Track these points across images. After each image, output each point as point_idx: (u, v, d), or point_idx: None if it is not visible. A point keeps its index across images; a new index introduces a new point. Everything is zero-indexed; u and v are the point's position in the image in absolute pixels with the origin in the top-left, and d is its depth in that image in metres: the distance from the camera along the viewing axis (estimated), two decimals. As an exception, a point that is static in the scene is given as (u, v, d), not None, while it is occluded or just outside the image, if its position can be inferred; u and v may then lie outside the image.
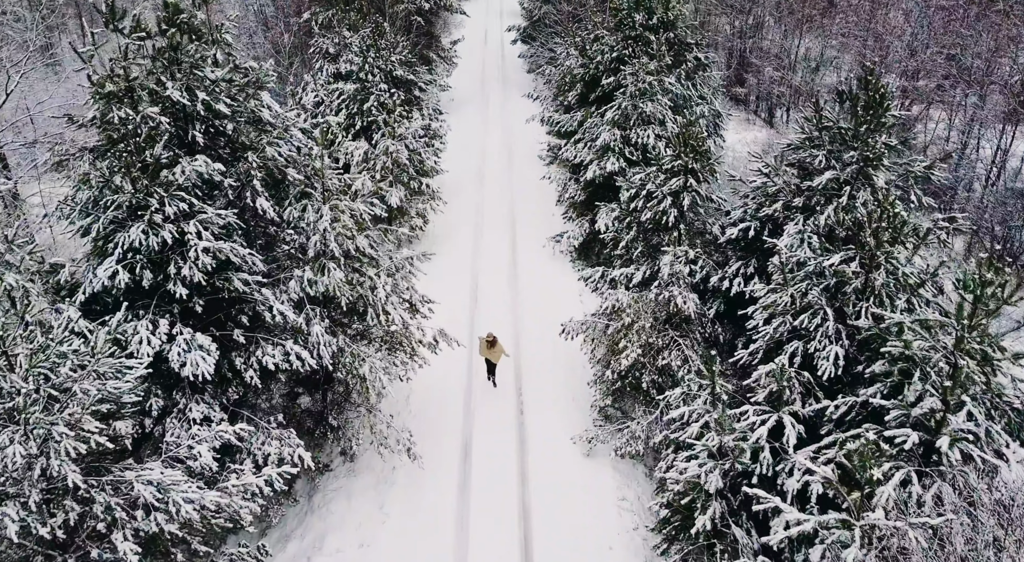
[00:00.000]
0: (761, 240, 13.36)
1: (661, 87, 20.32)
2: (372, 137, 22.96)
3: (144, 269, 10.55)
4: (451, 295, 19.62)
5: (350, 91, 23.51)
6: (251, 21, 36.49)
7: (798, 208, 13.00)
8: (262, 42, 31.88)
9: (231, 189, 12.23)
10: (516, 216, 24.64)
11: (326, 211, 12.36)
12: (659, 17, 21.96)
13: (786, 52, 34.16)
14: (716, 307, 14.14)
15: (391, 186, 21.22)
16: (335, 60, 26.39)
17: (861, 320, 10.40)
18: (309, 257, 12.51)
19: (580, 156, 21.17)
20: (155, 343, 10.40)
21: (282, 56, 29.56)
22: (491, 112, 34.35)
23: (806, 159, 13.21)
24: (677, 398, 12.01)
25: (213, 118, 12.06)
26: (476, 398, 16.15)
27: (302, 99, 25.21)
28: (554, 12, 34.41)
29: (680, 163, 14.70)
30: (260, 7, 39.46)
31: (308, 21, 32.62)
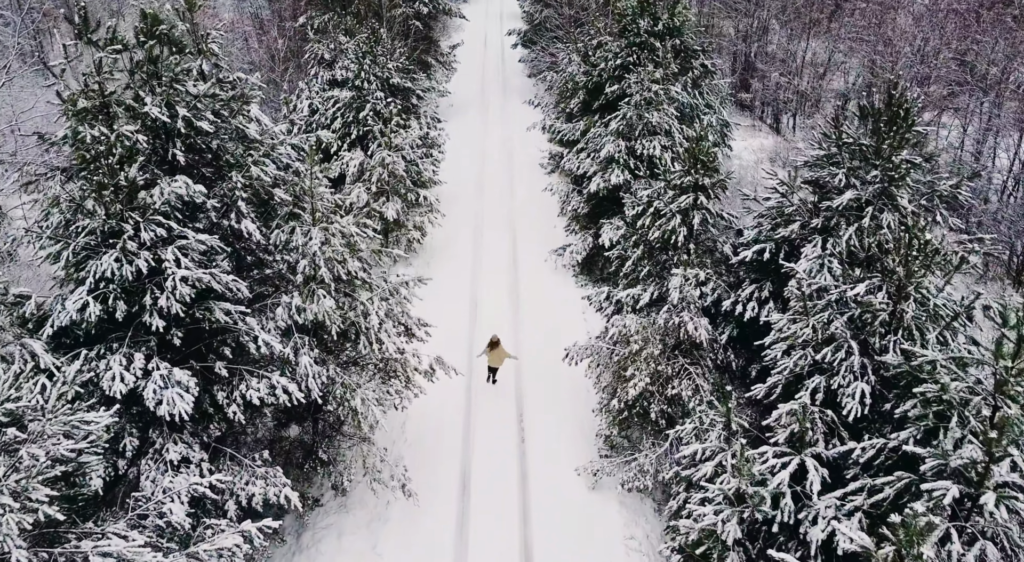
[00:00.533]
0: (777, 263, 12.61)
1: (667, 96, 19.59)
2: (368, 147, 22.26)
3: (118, 300, 9.81)
4: (449, 312, 18.89)
5: (346, 99, 22.80)
6: (246, 25, 35.80)
7: (816, 229, 12.25)
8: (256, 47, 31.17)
9: (214, 210, 11.50)
10: (517, 227, 23.91)
11: (316, 234, 11.62)
12: (664, 23, 21.24)
13: (792, 56, 33.44)
14: (729, 332, 13.40)
15: (387, 199, 20.50)
16: (330, 66, 25.68)
17: (889, 356, 9.65)
18: (298, 282, 11.77)
19: (583, 167, 20.45)
20: (129, 379, 9.66)
21: (276, 62, 28.83)
22: (491, 118, 33.64)
23: (824, 177, 12.47)
24: (689, 433, 11.27)
25: (195, 135, 11.32)
26: (476, 423, 15.41)
27: (296, 107, 24.53)
28: (555, 16, 33.70)
29: (690, 179, 13.96)
30: (256, 10, 38.79)
31: (304, 26, 31.93)
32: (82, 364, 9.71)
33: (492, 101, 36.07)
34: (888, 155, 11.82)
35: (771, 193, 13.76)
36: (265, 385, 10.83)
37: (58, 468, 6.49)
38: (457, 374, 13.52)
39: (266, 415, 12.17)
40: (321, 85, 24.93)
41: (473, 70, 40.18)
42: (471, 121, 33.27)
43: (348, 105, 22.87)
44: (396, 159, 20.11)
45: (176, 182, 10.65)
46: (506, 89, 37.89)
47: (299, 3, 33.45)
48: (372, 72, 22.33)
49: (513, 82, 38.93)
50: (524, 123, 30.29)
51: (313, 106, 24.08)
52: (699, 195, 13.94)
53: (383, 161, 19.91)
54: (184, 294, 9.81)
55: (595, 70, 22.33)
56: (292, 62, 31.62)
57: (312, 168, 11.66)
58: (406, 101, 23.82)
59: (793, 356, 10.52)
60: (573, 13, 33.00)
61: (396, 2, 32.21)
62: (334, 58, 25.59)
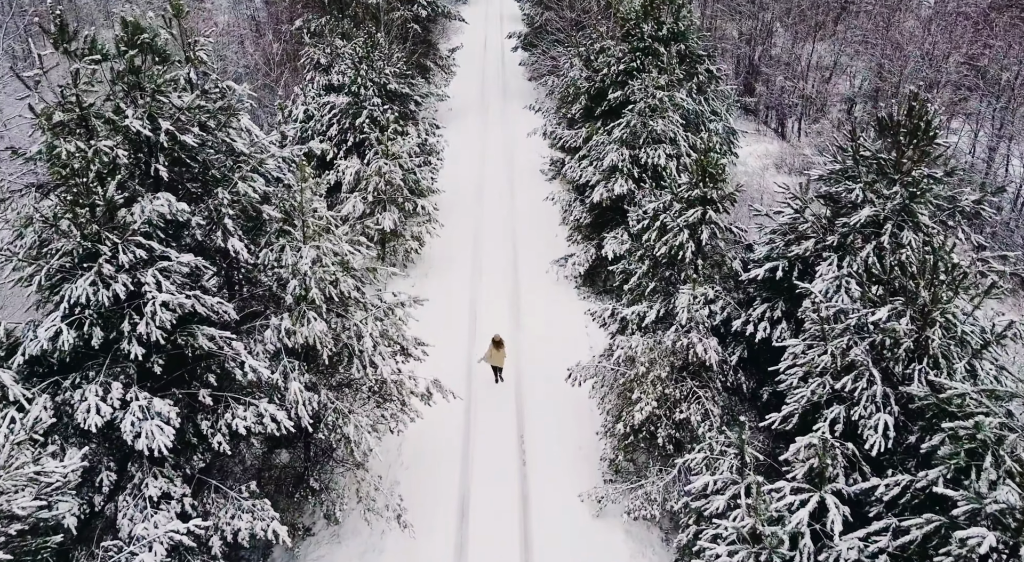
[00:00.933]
0: (790, 281, 12.03)
1: (672, 103, 19.01)
2: (365, 154, 21.69)
3: (94, 326, 9.24)
4: (448, 326, 18.34)
5: (342, 105, 22.24)
6: (243, 27, 35.24)
7: (831, 247, 11.68)
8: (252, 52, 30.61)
9: (199, 228, 10.93)
10: (517, 236, 23.33)
11: (307, 252, 11.04)
12: (669, 28, 20.66)
13: (797, 60, 32.86)
14: (739, 353, 12.82)
15: (384, 209, 19.92)
16: (327, 71, 25.12)
17: (914, 386, 9.07)
18: (288, 303, 11.18)
19: (585, 176, 19.87)
20: (106, 411, 9.08)
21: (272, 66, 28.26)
22: (491, 123, 33.07)
23: (840, 192, 11.89)
24: (699, 463, 10.69)
25: (179, 150, 10.75)
26: (475, 444, 14.82)
27: (291, 113, 23.96)
28: (556, 19, 33.13)
29: (698, 192, 13.38)
30: (252, 13, 38.23)
31: (300, 29, 31.36)
32: (55, 395, 9.14)
33: (492, 105, 35.51)
34: (908, 169, 11.26)
35: (783, 207, 13.19)
36: (252, 413, 10.26)
37: (14, 526, 5.93)
38: (455, 398, 12.93)
39: (254, 444, 11.59)
40: (317, 90, 24.38)
41: (473, 73, 39.61)
42: (471, 126, 32.71)
43: (344, 111, 22.31)
44: (393, 168, 19.53)
45: (158, 200, 10.09)
46: (506, 93, 37.32)
47: (296, 6, 32.90)
48: (369, 77, 21.76)
49: (513, 85, 38.36)
50: (524, 128, 29.71)
51: (308, 112, 23.52)
52: (707, 209, 13.35)
53: (380, 170, 19.34)
54: (165, 320, 9.24)
55: (597, 75, 21.77)
56: (288, 66, 31.07)
57: (303, 184, 11.08)
58: (404, 107, 23.26)
59: (810, 384, 9.94)
60: (574, 16, 32.43)
61: (394, 5, 31.65)
62: (330, 63, 25.03)
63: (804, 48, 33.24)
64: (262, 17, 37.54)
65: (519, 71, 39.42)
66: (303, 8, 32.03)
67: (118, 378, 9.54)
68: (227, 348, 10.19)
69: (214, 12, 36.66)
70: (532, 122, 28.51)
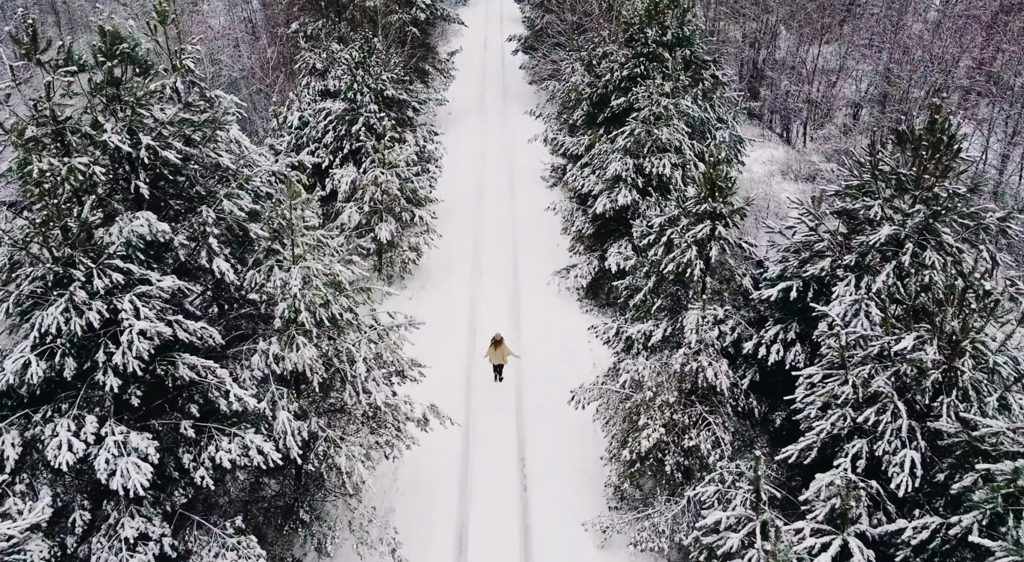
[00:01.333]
0: (804, 302, 11.45)
1: (677, 110, 18.42)
2: (361, 162, 21.11)
3: (66, 356, 8.66)
4: (446, 341, 17.77)
5: (338, 111, 21.65)
6: (238, 30, 34.68)
7: (848, 266, 11.09)
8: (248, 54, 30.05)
9: (183, 248, 10.35)
10: (518, 246, 22.75)
11: (296, 273, 10.45)
12: (674, 33, 20.10)
13: (802, 63, 32.29)
14: (751, 376, 12.24)
15: (381, 219, 19.34)
16: (323, 76, 24.55)
17: (943, 421, 8.50)
18: (276, 326, 10.59)
19: (588, 185, 19.29)
20: (79, 448, 8.50)
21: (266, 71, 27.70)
22: (491, 128, 32.49)
23: (857, 209, 11.30)
24: (711, 496, 10.11)
25: (161, 166, 10.17)
26: (474, 468, 14.24)
27: (286, 119, 23.39)
28: (557, 22, 32.54)
29: (706, 207, 12.80)
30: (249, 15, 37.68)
31: (297, 32, 30.80)
32: (24, 430, 8.56)
33: (492, 109, 34.94)
34: (930, 185, 10.68)
35: (796, 224, 12.62)
36: (238, 445, 9.68)
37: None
38: (453, 424, 12.34)
39: (239, 477, 11.00)
40: (313, 96, 23.81)
41: (472, 77, 39.04)
42: (470, 130, 32.14)
43: (340, 118, 21.73)
44: (390, 177, 18.96)
45: (137, 220, 9.51)
46: (506, 96, 36.75)
47: (292, 9, 32.35)
48: (365, 83, 21.18)
49: (513, 89, 37.79)
50: (525, 133, 29.13)
51: (304, 119, 22.94)
52: (716, 224, 12.77)
53: (376, 180, 18.76)
54: (143, 349, 8.65)
55: (600, 81, 21.19)
56: (284, 70, 30.51)
57: (292, 201, 10.50)
58: (401, 113, 22.68)
59: (830, 415, 9.37)
60: (576, 19, 31.85)
61: (392, 8, 31.09)
62: (326, 68, 24.47)
63: (809, 51, 32.67)
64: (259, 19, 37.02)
65: (519, 75, 38.83)
66: (299, 11, 31.48)
67: (93, 411, 8.97)
68: (211, 377, 9.61)
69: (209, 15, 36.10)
70: (532, 127, 27.93)
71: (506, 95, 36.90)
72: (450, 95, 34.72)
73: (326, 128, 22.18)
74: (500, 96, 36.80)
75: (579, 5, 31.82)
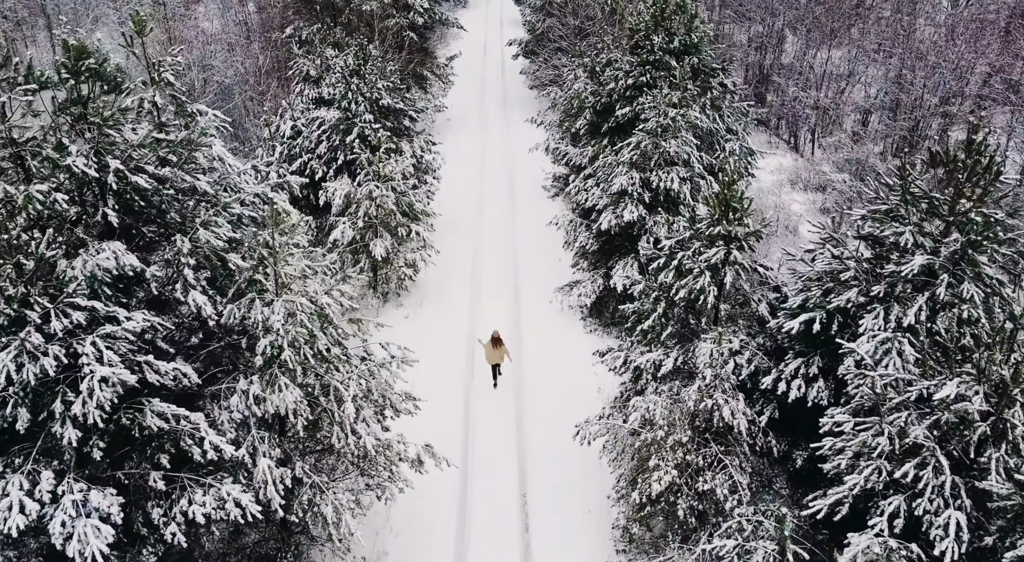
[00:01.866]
0: (828, 335, 10.62)
1: (685, 121, 17.59)
2: (356, 173, 20.28)
3: (19, 407, 7.83)
4: (444, 362, 16.94)
5: (332, 120, 20.82)
6: (231, 34, 33.86)
7: (877, 298, 10.26)
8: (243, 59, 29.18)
9: (156, 280, 9.52)
10: (518, 261, 21.92)
11: (279, 307, 9.62)
12: (681, 40, 19.29)
13: (810, 68, 31.46)
14: (769, 413, 11.40)
15: (376, 234, 18.52)
16: (317, 83, 23.73)
17: (992, 481, 7.67)
18: (257, 364, 9.76)
19: (592, 199, 18.45)
20: (32, 509, 7.68)
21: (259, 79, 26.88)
22: (490, 135, 31.67)
23: (886, 235, 10.46)
24: (730, 551, 9.28)
25: (132, 192, 9.34)
26: (473, 505, 13.41)
27: (279, 128, 22.57)
28: (559, 26, 31.74)
29: (720, 230, 11.98)
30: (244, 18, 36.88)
31: (291, 37, 30.00)
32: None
33: (491, 115, 34.12)
34: (966, 211, 9.85)
35: (817, 249, 11.79)
36: (213, 497, 8.86)
37: None
38: (449, 465, 11.49)
39: (214, 533, 10.16)
40: (306, 104, 22.99)
41: (472, 82, 38.21)
42: (469, 137, 31.31)
43: (335, 127, 20.90)
44: (385, 192, 18.13)
45: (103, 252, 8.68)
46: (506, 102, 35.93)
47: (287, 12, 31.55)
48: (360, 92, 20.36)
49: (513, 94, 36.98)
50: (525, 140, 28.31)
51: (296, 128, 22.11)
52: (731, 248, 11.95)
53: (370, 194, 17.93)
54: (105, 398, 7.83)
55: (604, 89, 20.40)
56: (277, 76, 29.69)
57: (275, 229, 9.67)
58: (398, 123, 21.86)
59: (863, 468, 8.53)
60: (578, 23, 31.05)
61: (389, 12, 30.28)
62: (320, 75, 23.64)
63: (817, 56, 31.85)
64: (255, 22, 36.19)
65: (520, 80, 38.03)
66: (294, 15, 30.69)
67: (50, 464, 8.15)
68: (183, 423, 8.78)
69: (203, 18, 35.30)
70: (534, 134, 27.13)
71: (506, 101, 36.09)
72: (449, 101, 33.93)
73: (319, 138, 21.36)
74: (500, 102, 35.99)
75: (581, 9, 31.02)
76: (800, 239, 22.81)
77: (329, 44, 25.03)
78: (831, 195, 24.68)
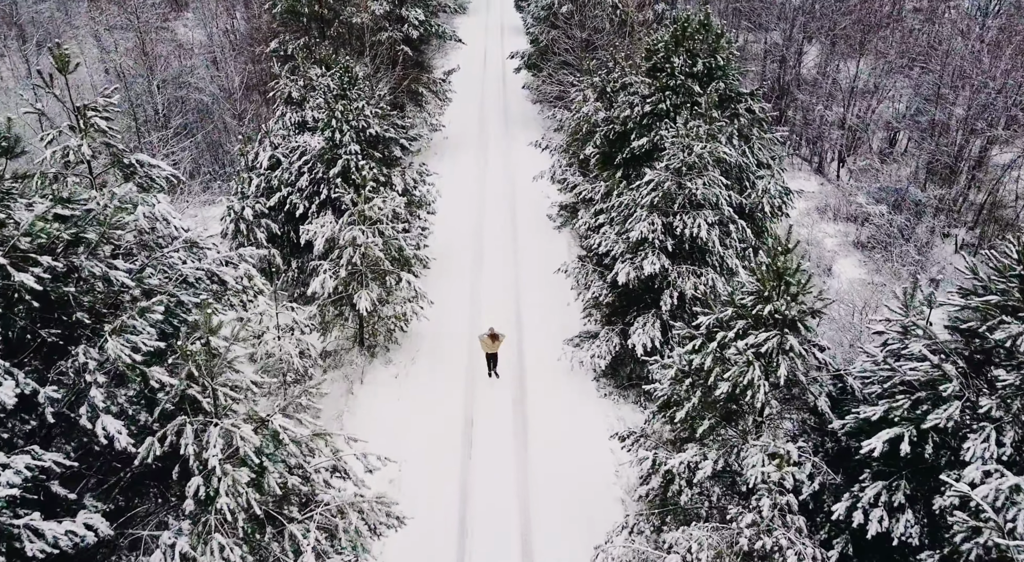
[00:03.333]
0: (921, 456, 8.41)
1: (713, 157, 15.35)
2: (341, 209, 18.09)
3: None
4: (435, 441, 14.73)
5: (315, 149, 18.64)
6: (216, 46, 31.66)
7: (987, 415, 8.04)
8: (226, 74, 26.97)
9: (52, 403, 7.31)
10: (521, 304, 19.71)
11: (215, 437, 7.40)
12: (705, 63, 17.06)
13: (836, 85, 29.23)
14: (840, 547, 9.17)
15: (361, 284, 16.30)
16: (300, 105, 21.53)
17: None
18: (188, 509, 7.54)
19: (606, 244, 16.23)
20: None
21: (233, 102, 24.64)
22: (491, 156, 29.45)
23: (996, 338, 8.22)
24: None
25: (21, 291, 7.13)
26: None
27: (257, 156, 20.38)
28: (564, 38, 29.52)
29: (771, 309, 9.76)
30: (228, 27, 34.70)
31: (276, 51, 27.82)
32: None
33: (492, 133, 31.91)
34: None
35: (892, 333, 9.58)
36: None
37: None
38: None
39: None
40: (288, 129, 20.80)
41: (471, 95, 36.02)
42: (468, 158, 29.10)
43: (319, 157, 18.72)
44: (371, 236, 15.92)
45: (-31, 382, 6.46)
46: (508, 119, 33.73)
47: (273, 24, 29.34)
48: (346, 120, 18.16)
49: (515, 110, 34.77)
50: (528, 163, 26.18)
51: (275, 158, 19.92)
52: (786, 335, 9.73)
53: (354, 241, 15.71)
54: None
55: (618, 116, 18.18)
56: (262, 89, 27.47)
57: (208, 336, 7.45)
58: (388, 152, 19.64)
59: None
60: (585, 36, 28.86)
61: (382, 25, 28.10)
62: (304, 97, 21.43)
63: (840, 69, 29.61)
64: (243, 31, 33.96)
65: (522, 94, 35.85)
66: (280, 27, 28.49)
67: None
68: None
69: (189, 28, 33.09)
70: (538, 158, 24.93)
71: (507, 117, 33.89)
72: (447, 117, 31.78)
73: (300, 170, 19.17)
74: (501, 118, 33.79)
75: (588, 20, 28.82)
76: (836, 280, 20.61)
77: (313, 62, 22.84)
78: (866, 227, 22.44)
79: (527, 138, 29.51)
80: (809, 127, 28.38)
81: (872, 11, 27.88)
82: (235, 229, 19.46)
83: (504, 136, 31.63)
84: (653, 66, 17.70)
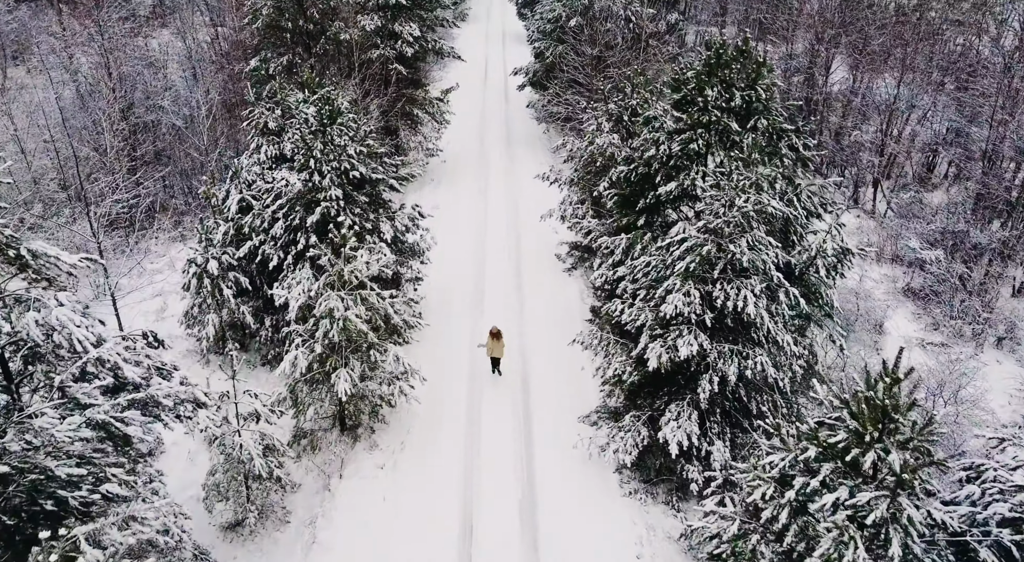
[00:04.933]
0: None
1: (758, 212, 12.82)
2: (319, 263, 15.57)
3: None
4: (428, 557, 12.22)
5: (291, 192, 16.14)
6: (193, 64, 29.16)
7: None
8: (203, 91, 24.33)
9: None
10: (529, 371, 17.16)
11: None
12: (744, 96, 14.52)
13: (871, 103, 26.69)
14: None
15: (342, 360, 13.78)
16: (278, 136, 19.05)
17: None
18: None
19: (630, 315, 13.72)
20: None
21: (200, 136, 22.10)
22: (492, 185, 26.88)
23: None
24: None
25: None
26: None
27: (227, 197, 17.91)
28: (573, 55, 26.98)
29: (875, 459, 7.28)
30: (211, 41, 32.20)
31: (257, 70, 25.27)
32: None
33: (494, 156, 29.37)
34: None
35: None
36: None
37: None
38: None
39: None
40: (263, 165, 18.33)
41: (471, 112, 33.51)
42: (467, 189, 26.54)
43: (297, 199, 16.24)
44: (352, 304, 13.40)
45: None
46: (510, 140, 31.19)
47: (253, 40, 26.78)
48: (326, 160, 15.66)
49: (519, 130, 32.24)
50: (534, 194, 23.66)
51: (245, 201, 17.44)
52: (901, 498, 7.25)
53: (331, 312, 13.17)
54: None
55: (641, 156, 15.68)
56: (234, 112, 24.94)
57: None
58: (375, 195, 17.12)
59: None
60: (596, 52, 26.32)
61: (373, 42, 25.58)
62: (282, 126, 18.95)
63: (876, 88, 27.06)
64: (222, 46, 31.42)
65: (526, 112, 33.28)
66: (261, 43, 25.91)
67: None
68: None
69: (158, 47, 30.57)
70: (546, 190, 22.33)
71: (510, 139, 31.35)
72: (445, 140, 29.24)
73: (275, 215, 16.69)
74: (503, 140, 31.25)
75: (600, 35, 26.30)
76: (888, 337, 18.06)
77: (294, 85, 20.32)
78: (918, 274, 19.90)
79: (532, 163, 27.06)
80: (846, 153, 25.84)
81: (912, 24, 25.34)
82: (198, 284, 16.99)
83: (507, 157, 29.13)
84: (683, 98, 15.16)
